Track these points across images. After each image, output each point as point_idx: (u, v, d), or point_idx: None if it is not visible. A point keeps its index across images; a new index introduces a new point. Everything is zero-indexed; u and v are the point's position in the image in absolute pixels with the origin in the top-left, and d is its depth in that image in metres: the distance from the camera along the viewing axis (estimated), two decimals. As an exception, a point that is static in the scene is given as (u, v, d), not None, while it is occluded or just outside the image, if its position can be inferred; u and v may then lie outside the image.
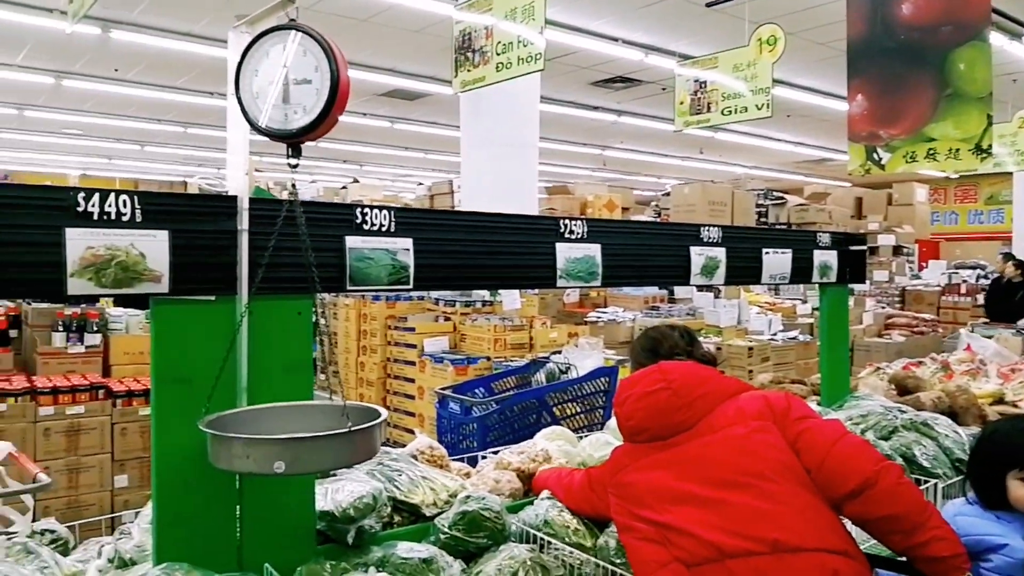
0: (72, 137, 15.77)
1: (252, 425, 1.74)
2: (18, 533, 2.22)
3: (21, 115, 13.43)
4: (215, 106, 12.21)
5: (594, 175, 19.89)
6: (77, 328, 4.96)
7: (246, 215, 1.86)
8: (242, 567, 1.87)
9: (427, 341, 6.29)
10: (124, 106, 12.95)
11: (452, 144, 14.63)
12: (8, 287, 1.63)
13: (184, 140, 15.66)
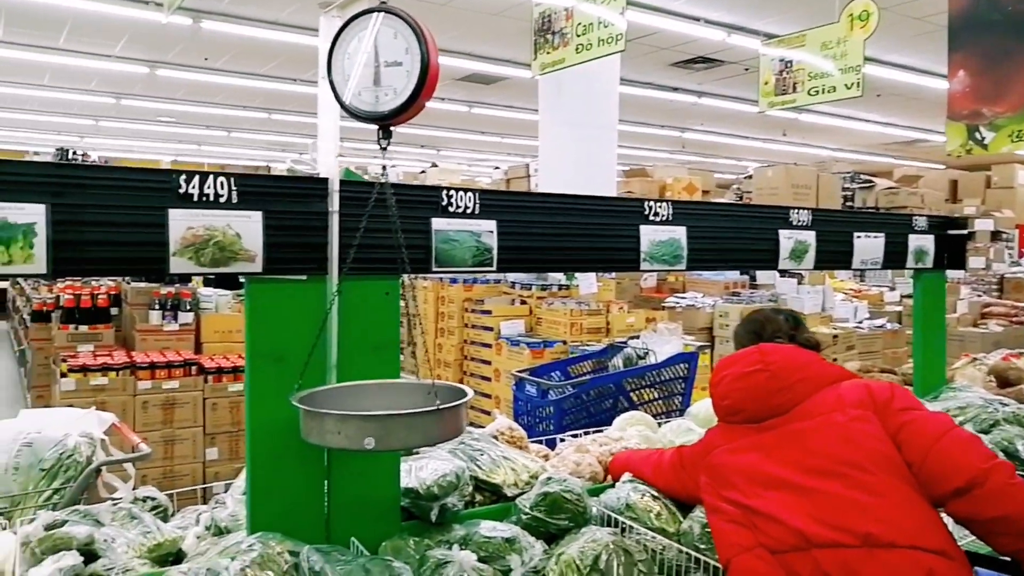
0: (164, 124, 16.40)
1: (341, 402, 1.78)
2: (122, 499, 2.34)
3: (118, 104, 14.04)
4: (297, 92, 12.51)
5: (672, 158, 19.55)
6: (172, 307, 5.18)
7: (336, 197, 1.90)
8: (330, 540, 1.92)
9: (503, 324, 6.32)
10: (212, 93, 13.38)
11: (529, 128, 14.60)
12: (118, 265, 1.72)
13: (268, 126, 16.11)
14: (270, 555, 1.56)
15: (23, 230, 1.58)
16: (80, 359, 4.66)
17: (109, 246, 1.66)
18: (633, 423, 2.98)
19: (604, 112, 6.95)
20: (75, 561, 1.86)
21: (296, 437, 1.82)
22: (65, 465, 2.55)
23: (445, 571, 1.78)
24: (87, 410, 2.86)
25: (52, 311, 5.89)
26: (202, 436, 4.72)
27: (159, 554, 1.96)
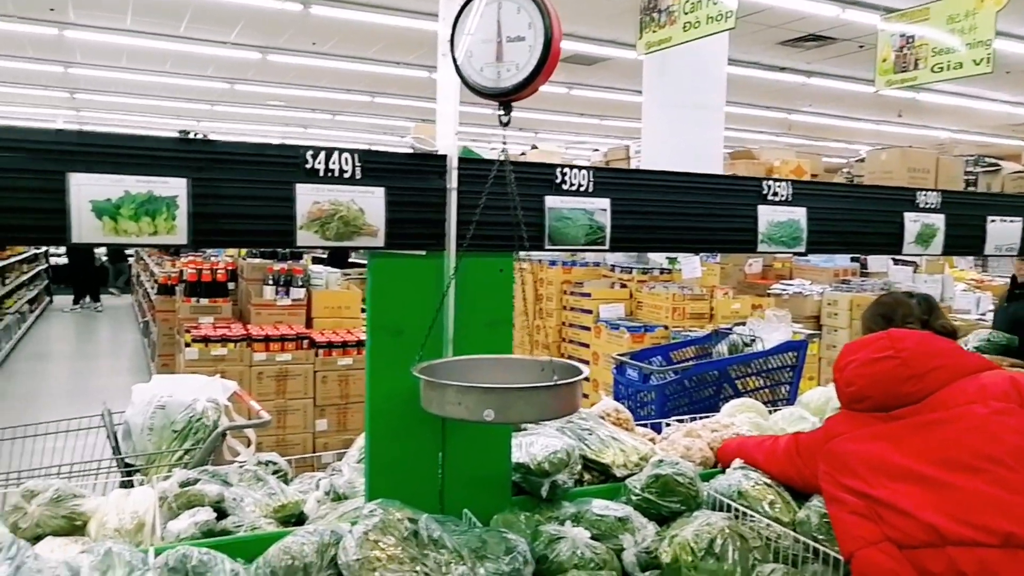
0: (273, 108, 17.01)
1: (458, 375, 1.81)
2: (245, 463, 2.46)
3: (232, 88, 14.65)
4: (400, 75, 12.73)
5: (777, 140, 18.90)
6: (284, 283, 5.39)
7: (455, 174, 1.92)
8: (443, 510, 1.96)
9: (603, 307, 6.29)
10: (319, 77, 13.77)
11: (628, 109, 14.41)
12: (250, 237, 1.79)
13: (371, 109, 16.48)
14: (390, 521, 1.61)
15: (167, 203, 1.67)
16: (202, 330, 4.93)
17: (242, 219, 1.74)
18: (743, 410, 2.92)
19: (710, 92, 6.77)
20: (208, 517, 1.97)
21: (414, 408, 1.87)
22: (194, 428, 2.70)
23: (558, 547, 1.79)
24: (213, 377, 3.02)
25: (176, 285, 6.24)
26: (312, 408, 4.91)
27: (283, 515, 2.05)
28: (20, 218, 1.57)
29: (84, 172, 1.59)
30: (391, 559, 1.52)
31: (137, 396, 2.89)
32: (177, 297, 5.97)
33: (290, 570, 1.56)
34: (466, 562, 1.55)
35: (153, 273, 9.84)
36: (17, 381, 9.28)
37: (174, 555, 1.63)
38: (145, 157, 1.65)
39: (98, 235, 1.63)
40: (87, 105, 16.94)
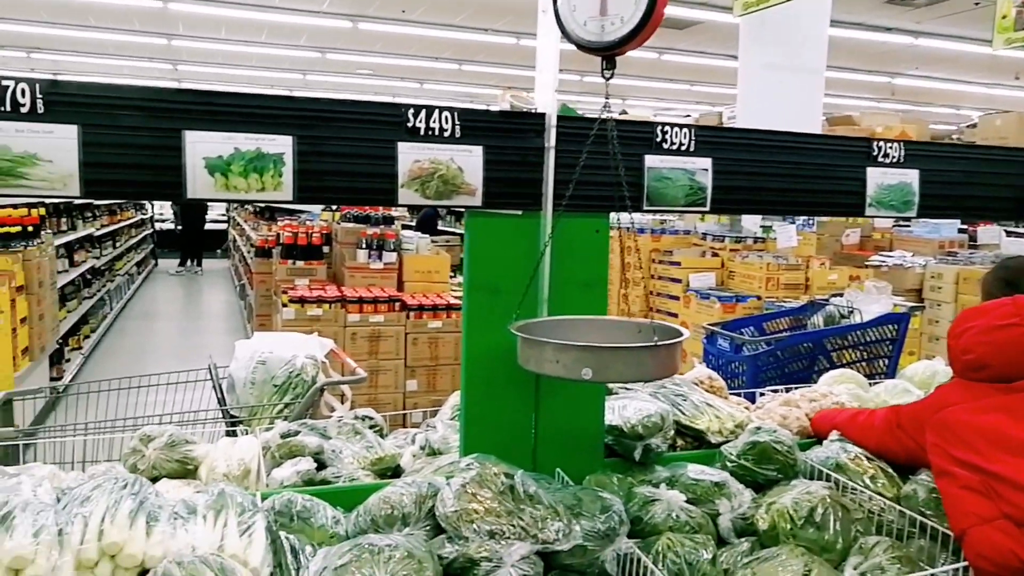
0: (363, 77, 17.26)
1: (554, 334, 1.80)
2: (341, 417, 2.54)
3: (324, 58, 14.92)
4: (488, 42, 12.69)
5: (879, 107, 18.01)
6: (377, 247, 5.51)
7: (554, 132, 1.90)
8: (535, 469, 1.98)
9: (693, 276, 6.17)
10: (408, 45, 13.87)
11: (720, 74, 13.98)
12: (353, 194, 1.82)
13: (458, 77, 16.51)
14: (487, 475, 1.63)
15: (274, 159, 1.71)
16: (298, 291, 5.09)
17: (346, 176, 1.77)
18: (842, 381, 2.82)
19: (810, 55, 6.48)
20: (310, 466, 2.05)
21: (509, 366, 1.88)
22: (294, 383, 2.80)
23: (652, 509, 1.78)
24: (311, 335, 3.11)
25: (272, 248, 6.45)
26: (403, 368, 5.03)
27: (380, 467, 2.11)
28: (140, 174, 1.64)
29: (198, 130, 1.65)
30: (488, 512, 1.54)
31: (240, 352, 3.02)
32: (274, 260, 6.18)
33: (389, 519, 1.60)
34: (562, 518, 1.56)
35: (249, 238, 10.21)
36: (126, 338, 9.83)
37: (280, 500, 1.70)
38: (254, 115, 1.69)
39: (210, 191, 1.69)
40: (188, 76, 17.57)
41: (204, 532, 1.47)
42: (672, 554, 1.65)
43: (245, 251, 10.96)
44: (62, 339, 7.02)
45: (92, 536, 1.35)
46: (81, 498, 1.45)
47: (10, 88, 1.54)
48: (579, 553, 1.55)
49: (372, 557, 1.36)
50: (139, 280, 14.45)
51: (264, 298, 6.85)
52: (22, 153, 1.55)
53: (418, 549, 1.43)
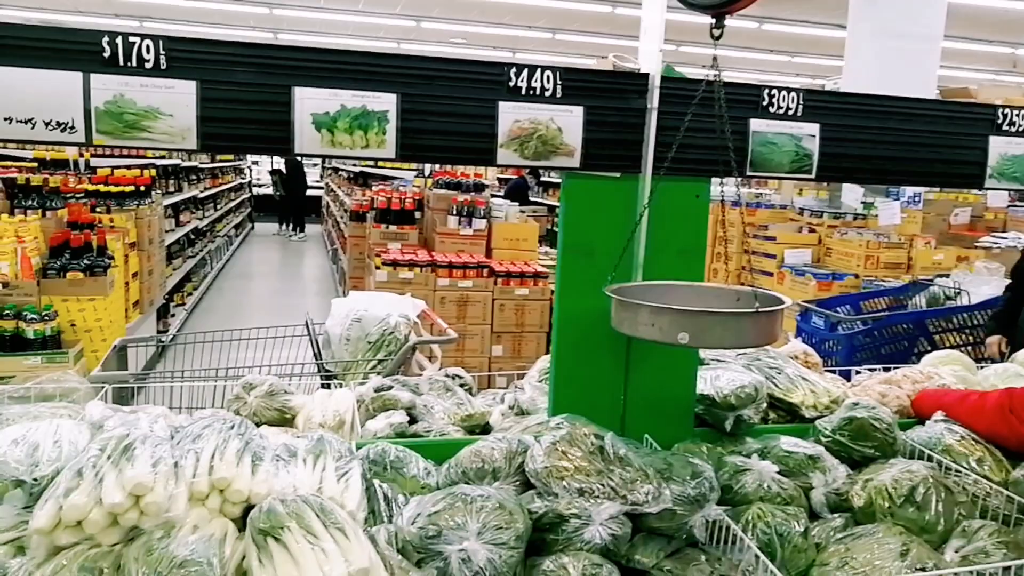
0: (456, 46, 17.33)
1: (648, 298, 1.79)
2: (432, 377, 2.59)
3: (418, 27, 15.04)
4: (583, 10, 12.50)
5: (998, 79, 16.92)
6: (467, 213, 5.56)
7: (657, 93, 1.86)
8: (624, 433, 1.97)
9: (788, 252, 5.99)
10: (501, 14, 13.83)
11: (824, 45, 13.40)
12: (453, 153, 1.84)
13: (551, 46, 16.38)
14: (577, 435, 1.64)
15: (378, 117, 1.74)
16: (391, 255, 5.21)
17: (447, 135, 1.79)
18: (947, 362, 2.70)
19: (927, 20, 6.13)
20: (402, 419, 2.10)
21: (600, 329, 1.88)
22: (387, 340, 2.87)
23: (743, 478, 1.75)
24: (403, 295, 3.18)
25: (367, 212, 6.60)
26: (489, 333, 5.09)
27: (470, 424, 2.15)
28: (252, 129, 1.69)
29: (307, 86, 1.69)
30: (578, 470, 1.55)
31: (336, 309, 3.11)
32: (368, 224, 6.32)
33: (480, 472, 1.63)
34: (652, 481, 1.55)
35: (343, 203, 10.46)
36: (225, 296, 10.29)
37: (374, 449, 1.76)
38: (360, 72, 1.72)
39: (316, 147, 1.74)
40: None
41: (304, 474, 1.54)
42: (763, 524, 1.62)
43: (339, 216, 11.26)
44: (168, 295, 7.40)
45: (203, 470, 1.43)
46: (193, 435, 1.53)
47: (136, 45, 1.61)
48: (668, 517, 1.55)
49: (465, 506, 1.40)
50: (237, 242, 15.05)
51: (357, 261, 7.04)
52: (146, 107, 1.62)
53: (509, 501, 1.46)
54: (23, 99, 1.57)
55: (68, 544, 1.27)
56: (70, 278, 4.39)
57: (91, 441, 1.56)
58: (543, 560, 1.44)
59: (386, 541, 1.41)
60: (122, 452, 1.37)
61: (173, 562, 1.20)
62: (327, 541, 1.29)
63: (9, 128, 1.58)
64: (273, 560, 1.26)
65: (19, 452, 1.44)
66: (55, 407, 1.95)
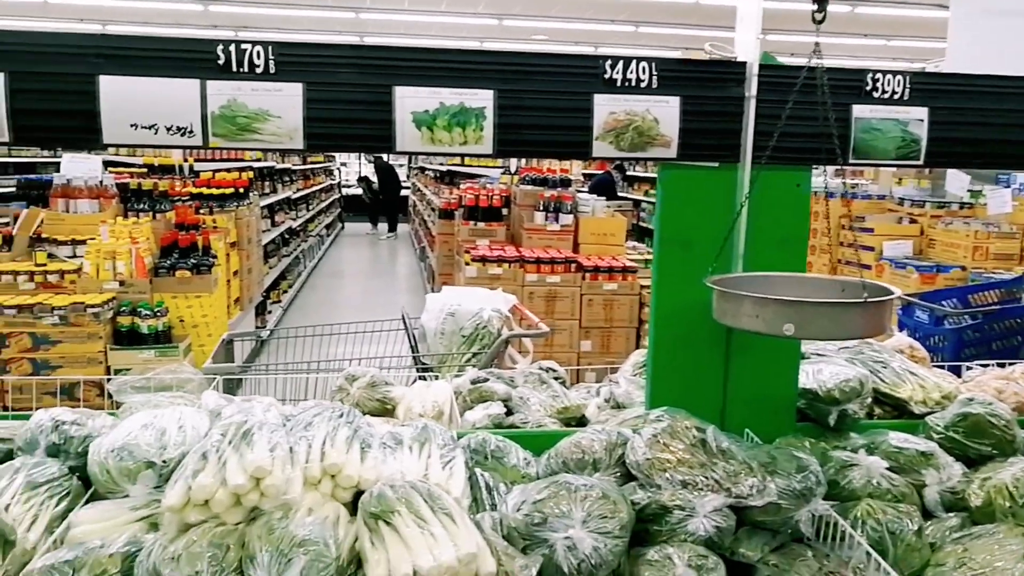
0: (539, 43, 17.35)
1: (749, 289, 1.76)
2: (525, 370, 2.61)
3: (500, 24, 15.13)
4: (666, 3, 12.33)
5: (1117, 58, 15.78)
6: (554, 209, 5.58)
7: (755, 81, 1.83)
8: (723, 427, 1.94)
9: (887, 244, 5.76)
10: (583, 9, 13.76)
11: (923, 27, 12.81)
12: (548, 147, 1.86)
13: (634, 40, 16.20)
14: (678, 427, 1.63)
15: (475, 114, 1.77)
16: (479, 251, 5.27)
17: (542, 129, 1.80)
18: (1069, 357, 2.55)
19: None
20: (500, 410, 2.13)
21: (699, 321, 1.86)
22: (480, 334, 2.92)
23: (850, 474, 1.71)
24: (495, 290, 3.22)
25: (455, 210, 6.71)
26: (578, 329, 5.09)
27: (566, 416, 2.16)
28: (354, 128, 1.75)
29: (407, 85, 1.74)
30: (680, 462, 1.54)
31: (431, 304, 3.18)
32: (456, 221, 6.42)
33: (580, 463, 1.64)
34: (756, 474, 1.53)
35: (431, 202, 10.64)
36: (318, 294, 10.62)
37: (475, 439, 1.79)
38: (458, 70, 1.76)
39: (416, 144, 1.78)
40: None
41: (410, 461, 1.58)
42: (873, 521, 1.58)
43: (426, 215, 11.45)
44: (265, 292, 7.69)
45: (315, 456, 1.49)
46: (304, 423, 1.60)
47: (248, 51, 1.69)
48: (773, 511, 1.52)
49: (569, 494, 1.41)
50: (328, 242, 15.50)
51: (446, 257, 7.15)
52: (256, 110, 1.70)
53: (612, 491, 1.46)
54: (147, 106, 1.67)
55: (196, 522, 1.34)
56: (179, 276, 4.62)
57: (211, 427, 1.65)
58: (647, 550, 1.44)
59: (491, 528, 1.44)
60: (242, 437, 1.45)
61: (293, 541, 1.26)
62: (436, 526, 1.33)
63: (135, 134, 1.68)
64: (385, 542, 1.30)
65: (149, 436, 1.54)
66: (172, 396, 2.07)
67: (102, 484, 1.51)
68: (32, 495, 1.47)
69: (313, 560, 1.24)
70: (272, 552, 1.24)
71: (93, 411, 1.85)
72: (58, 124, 1.66)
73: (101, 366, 4.20)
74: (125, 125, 1.67)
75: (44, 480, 1.51)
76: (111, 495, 1.51)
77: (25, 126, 1.65)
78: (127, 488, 1.48)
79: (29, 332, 4.12)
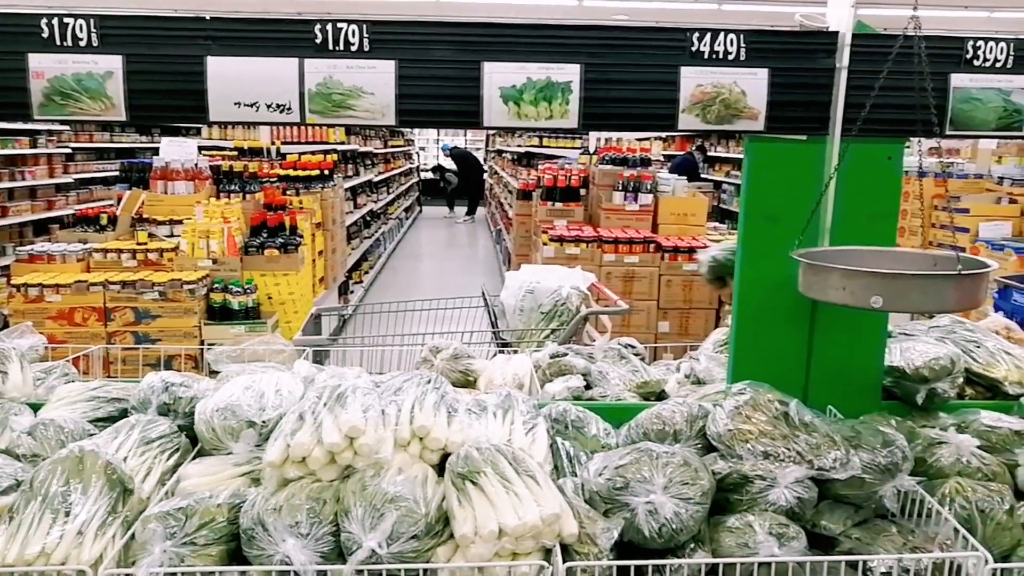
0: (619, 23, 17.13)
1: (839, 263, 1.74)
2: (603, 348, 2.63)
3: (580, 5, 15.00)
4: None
5: None
6: (633, 189, 5.54)
7: (847, 52, 1.80)
8: (806, 403, 1.93)
9: (983, 225, 5.50)
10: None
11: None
12: (634, 120, 1.87)
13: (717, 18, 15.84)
14: (760, 400, 1.63)
15: (561, 88, 1.80)
16: (557, 231, 5.29)
17: (628, 103, 1.81)
18: None
19: None
20: (579, 383, 2.17)
21: (784, 296, 1.85)
22: (559, 311, 2.95)
23: (938, 451, 1.67)
24: (574, 268, 3.25)
25: (533, 191, 6.74)
26: (656, 310, 5.06)
27: (645, 391, 2.18)
28: (444, 104, 1.80)
29: (495, 60, 1.78)
30: (762, 434, 1.54)
31: (510, 281, 3.23)
32: (534, 202, 6.45)
33: (661, 434, 1.66)
34: (839, 447, 1.52)
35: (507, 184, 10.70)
36: (397, 274, 10.85)
37: (556, 408, 1.83)
38: (545, 44, 1.78)
39: (503, 119, 1.82)
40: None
41: (495, 426, 1.63)
42: (961, 499, 1.54)
43: (502, 197, 11.52)
44: (347, 272, 7.91)
45: (405, 419, 1.55)
46: (394, 388, 1.66)
47: (343, 30, 1.75)
48: (856, 484, 1.51)
49: (651, 460, 1.43)
50: (407, 224, 15.76)
51: (523, 239, 7.19)
52: (351, 87, 1.77)
53: (693, 459, 1.48)
54: (249, 85, 1.76)
55: (294, 478, 1.42)
56: (267, 255, 4.81)
57: (305, 391, 1.74)
58: (727, 518, 1.45)
59: (573, 492, 1.48)
60: (336, 400, 1.52)
61: (385, 497, 1.33)
62: (520, 487, 1.37)
63: (238, 111, 1.77)
64: (471, 501, 1.35)
65: (249, 398, 1.63)
66: (264, 367, 2.17)
67: (207, 441, 1.61)
68: (146, 449, 1.58)
69: (404, 515, 1.31)
70: (366, 507, 1.31)
71: (197, 375, 1.97)
72: (169, 103, 1.77)
73: (195, 340, 4.42)
74: (229, 103, 1.76)
75: (156, 436, 1.63)
76: (215, 452, 1.62)
77: (139, 105, 1.76)
78: (230, 445, 1.57)
79: (132, 307, 4.36)
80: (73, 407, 1.80)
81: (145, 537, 1.30)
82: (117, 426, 1.65)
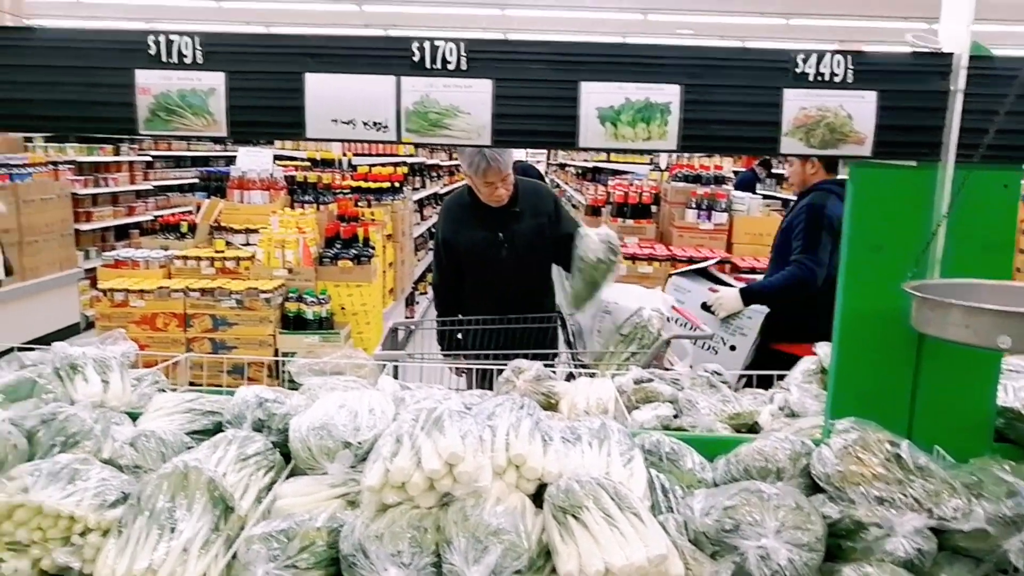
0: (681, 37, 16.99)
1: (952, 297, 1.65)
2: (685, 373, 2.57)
3: (645, 19, 14.93)
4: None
5: None
6: (707, 207, 5.45)
7: (963, 74, 1.71)
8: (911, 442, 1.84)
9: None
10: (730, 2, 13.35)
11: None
12: (735, 143, 1.81)
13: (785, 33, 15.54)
14: (870, 440, 1.55)
15: (660, 109, 1.75)
16: (628, 249, 5.23)
17: (729, 125, 1.76)
18: None
19: None
20: (669, 412, 2.11)
21: (889, 329, 1.77)
22: (639, 333, 2.89)
23: (1067, 501, 1.56)
24: (654, 289, 3.18)
25: (602, 206, 6.69)
26: (730, 332, 4.95)
27: (737, 422, 2.11)
28: (540, 124, 1.77)
29: (593, 80, 1.74)
30: (875, 477, 1.46)
31: (586, 300, 3.18)
32: (603, 218, 6.40)
33: (763, 471, 1.60)
34: (960, 496, 1.43)
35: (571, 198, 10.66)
36: (460, 287, 10.86)
37: (649, 439, 1.78)
38: (644, 65, 1.74)
39: (600, 140, 1.78)
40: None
41: (591, 457, 1.59)
42: (1100, 556, 1.44)
43: (568, 212, 11.48)
44: (414, 283, 7.97)
45: (500, 446, 1.52)
46: (487, 412, 1.63)
47: (441, 48, 1.75)
48: (980, 537, 1.42)
49: (761, 502, 1.37)
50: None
51: (589, 255, 7.15)
52: (448, 106, 1.75)
53: (805, 503, 1.41)
54: (346, 102, 1.76)
55: (392, 503, 1.41)
56: (341, 266, 4.86)
57: (397, 411, 1.72)
58: (842, 567, 1.38)
59: (676, 530, 1.43)
60: (433, 423, 1.50)
61: (488, 529, 1.30)
62: (624, 524, 1.33)
63: (335, 128, 1.77)
64: (575, 537, 1.31)
65: (344, 417, 1.62)
66: (345, 380, 2.17)
67: (303, 460, 1.61)
68: (243, 466, 1.58)
69: (508, 549, 1.27)
70: (468, 538, 1.28)
71: (288, 391, 1.98)
72: (268, 119, 1.78)
73: (270, 348, 4.49)
74: (327, 120, 1.76)
75: (252, 452, 1.63)
76: (310, 471, 1.61)
77: (239, 121, 1.78)
78: (326, 466, 1.56)
79: (210, 314, 4.46)
80: (171, 418, 1.82)
81: (249, 558, 1.30)
82: (215, 441, 1.66)
